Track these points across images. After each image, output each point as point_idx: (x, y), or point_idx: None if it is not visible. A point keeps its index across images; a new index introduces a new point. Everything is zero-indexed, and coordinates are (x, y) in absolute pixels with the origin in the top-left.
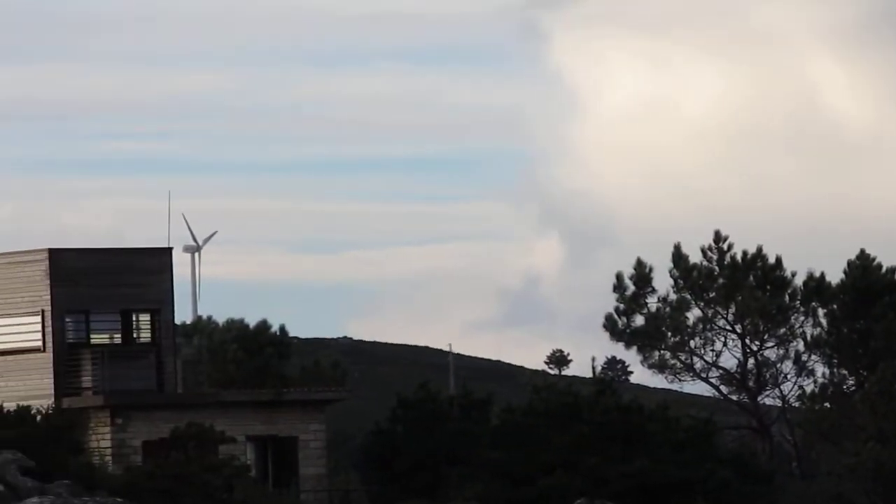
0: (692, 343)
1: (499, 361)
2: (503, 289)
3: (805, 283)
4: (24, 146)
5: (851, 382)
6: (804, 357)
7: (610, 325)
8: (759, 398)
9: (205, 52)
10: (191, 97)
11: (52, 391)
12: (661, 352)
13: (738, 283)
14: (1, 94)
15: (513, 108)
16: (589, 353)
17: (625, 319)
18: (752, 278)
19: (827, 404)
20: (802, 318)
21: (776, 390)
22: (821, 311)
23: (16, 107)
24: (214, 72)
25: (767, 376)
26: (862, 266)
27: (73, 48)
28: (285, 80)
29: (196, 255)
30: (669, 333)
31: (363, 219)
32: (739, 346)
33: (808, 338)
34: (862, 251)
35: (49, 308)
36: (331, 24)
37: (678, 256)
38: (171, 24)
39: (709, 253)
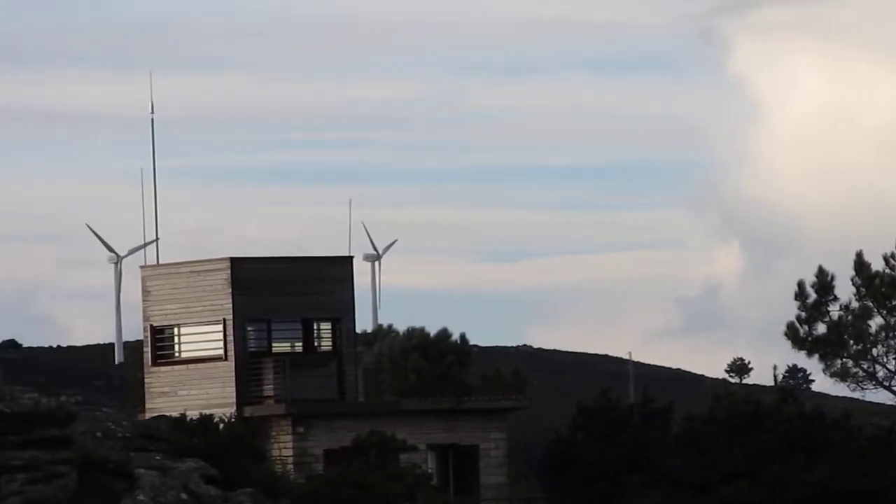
0: (875, 351)
1: (679, 370)
2: (683, 297)
3: None
4: (209, 155)
5: None
6: None
7: (791, 333)
8: None
9: (389, 62)
10: (375, 107)
11: (235, 400)
12: (843, 360)
13: None
14: (187, 102)
15: (693, 116)
16: (770, 361)
17: (806, 328)
18: None
19: None
20: None
21: None
22: None
23: (202, 116)
24: (399, 81)
25: None
26: None
27: (260, 57)
28: (468, 90)
29: (376, 263)
30: (851, 342)
31: (543, 227)
32: None
33: None
34: None
35: (231, 317)
36: (512, 34)
37: (860, 264)
38: (358, 34)
39: (891, 261)
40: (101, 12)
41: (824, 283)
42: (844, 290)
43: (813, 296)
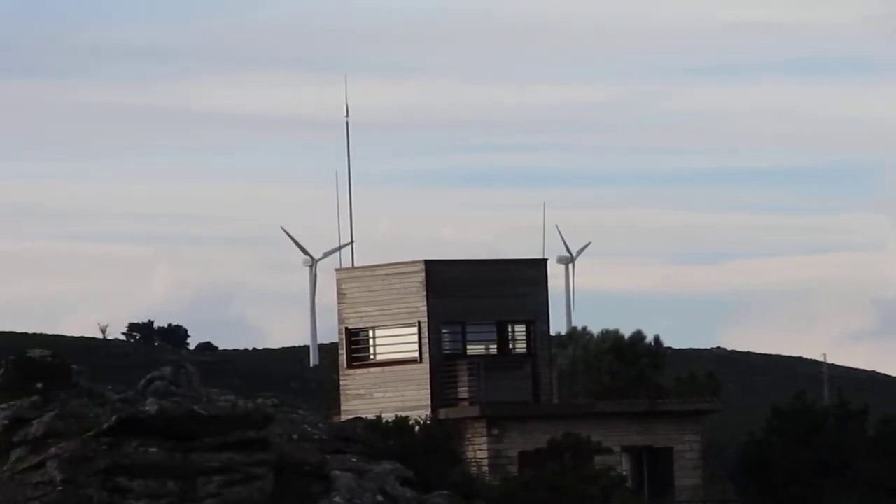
0: None
1: (874, 372)
2: (881, 299)
3: None
4: (404, 159)
5: None
6: None
7: None
8: None
9: (588, 65)
10: (571, 109)
11: (429, 402)
12: None
13: None
14: (382, 106)
15: (891, 118)
16: None
17: None
18: None
19: None
20: None
21: None
22: None
23: (398, 119)
24: (597, 84)
25: None
26: None
27: (456, 60)
28: (666, 93)
29: (570, 266)
30: None
31: (739, 229)
32: None
33: None
34: None
35: (426, 319)
36: (707, 37)
37: None
38: (557, 38)
39: None
40: (298, 17)
41: None
42: None
43: None
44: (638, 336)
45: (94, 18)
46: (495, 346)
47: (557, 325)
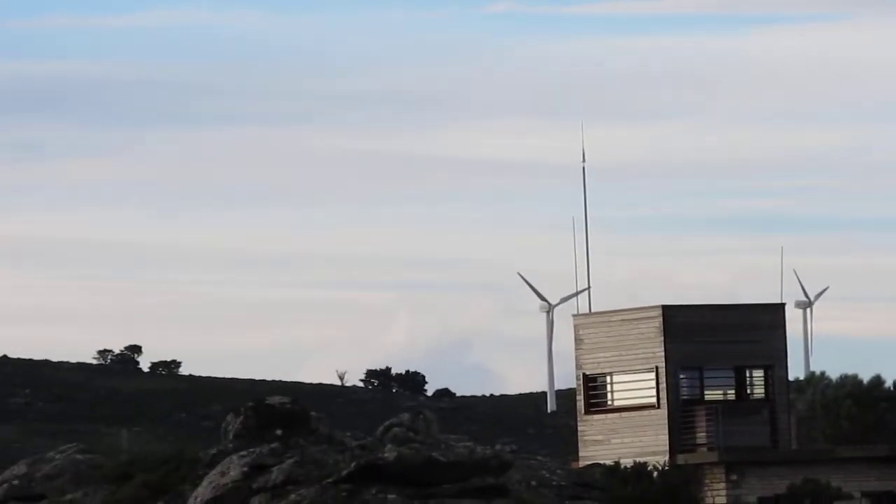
0: None
1: None
2: None
3: None
4: (640, 205)
5: None
6: None
7: None
8: None
9: (818, 108)
10: (807, 154)
11: (667, 447)
12: None
13: None
14: (623, 153)
15: None
16: None
17: None
18: None
19: None
20: None
21: None
22: None
23: (632, 165)
24: (828, 127)
25: None
26: None
27: (689, 105)
28: None
29: (808, 310)
30: None
31: None
32: None
33: None
34: None
35: (663, 364)
36: None
37: None
38: (790, 82)
39: None
40: (532, 63)
41: None
42: None
43: None
44: (877, 381)
45: (339, 67)
46: (733, 392)
47: (795, 371)
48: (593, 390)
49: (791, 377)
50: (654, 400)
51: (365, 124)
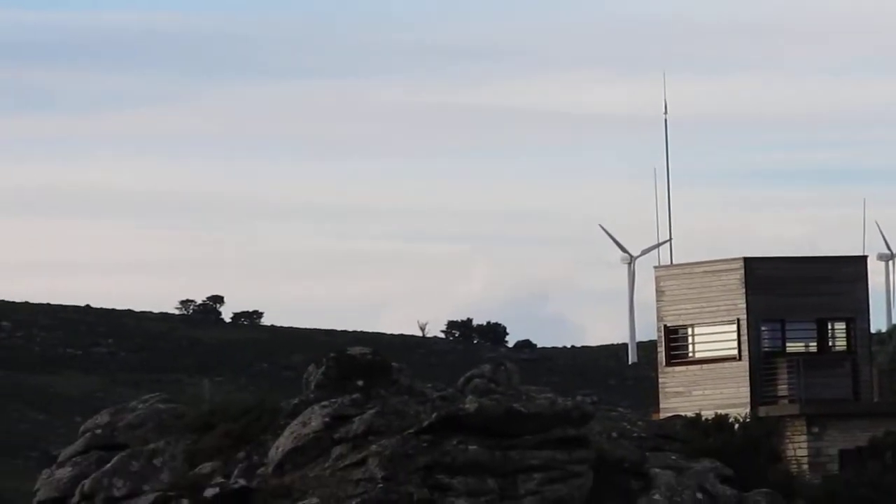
0: None
1: None
2: None
3: None
4: (721, 156)
5: None
6: None
7: None
8: None
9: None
10: (890, 105)
11: (748, 400)
12: None
13: None
14: (699, 103)
15: None
16: None
17: None
18: None
19: None
20: None
21: None
22: None
23: (715, 116)
24: None
25: None
26: None
27: (774, 57)
28: None
29: (890, 263)
30: None
31: None
32: None
33: None
34: None
35: (745, 317)
36: None
37: None
38: (871, 34)
39: None
40: (613, 13)
41: None
42: None
43: None
44: None
45: (423, 19)
46: (815, 344)
47: (877, 323)
48: (674, 342)
49: (873, 330)
50: (735, 352)
51: (448, 78)
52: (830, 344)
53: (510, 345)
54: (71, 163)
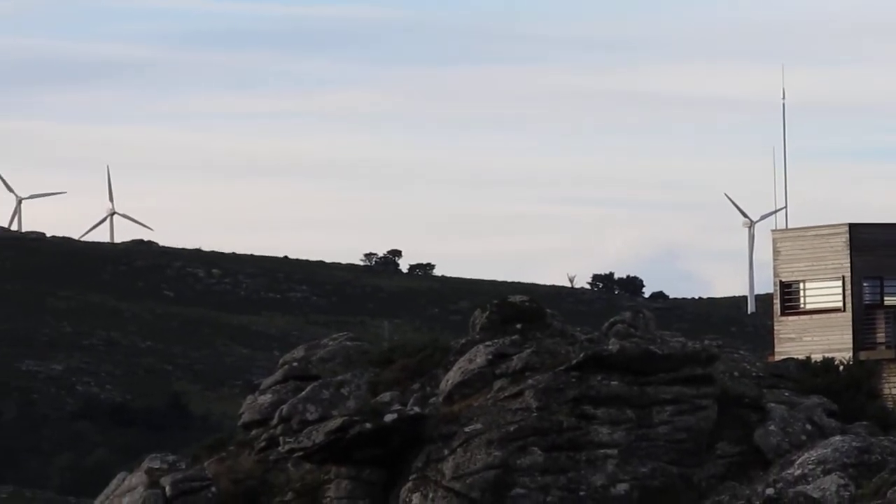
0: None
1: None
2: None
3: None
4: (832, 136)
5: None
6: None
7: None
8: None
9: None
10: None
11: (851, 345)
12: None
13: None
14: (817, 93)
15: None
16: None
17: None
18: None
19: None
20: None
21: None
22: None
23: (830, 102)
24: None
25: None
26: None
27: (880, 52)
28: None
29: None
30: None
31: None
32: None
33: None
34: None
35: (849, 274)
36: None
37: None
38: None
39: None
40: (736, 13)
41: None
42: None
43: None
44: None
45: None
46: None
47: None
48: (788, 295)
49: None
50: (840, 304)
51: (606, 65)
52: None
53: (646, 295)
54: (279, 134)
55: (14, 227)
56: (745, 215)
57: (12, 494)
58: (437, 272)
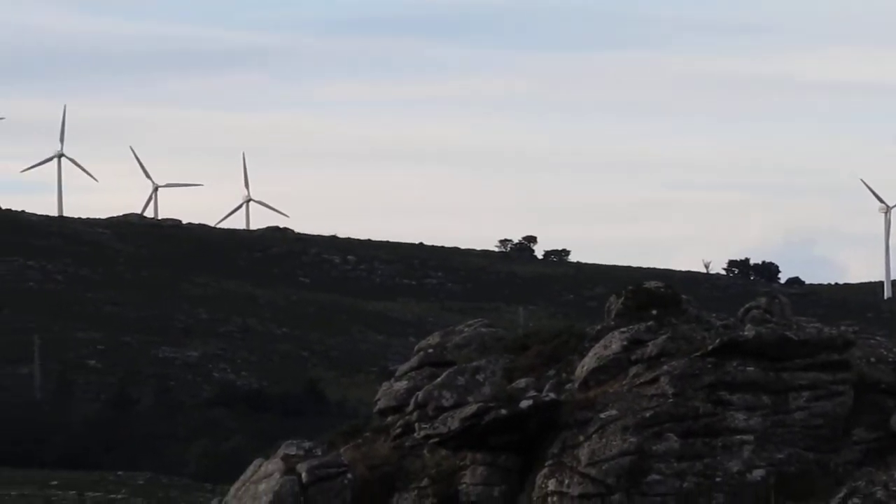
0: None
1: None
2: None
3: None
4: None
5: None
6: None
7: None
8: None
9: None
10: None
11: None
12: None
13: None
14: None
15: None
16: None
17: None
18: None
19: None
20: None
21: None
22: None
23: None
24: None
25: None
26: None
27: None
28: None
29: None
30: None
31: None
32: None
33: None
34: None
35: None
36: None
37: None
38: None
39: None
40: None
41: None
42: None
43: None
44: None
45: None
46: None
47: None
48: None
49: None
50: None
51: (732, 51)
52: None
53: (782, 281)
54: (414, 121)
55: (149, 214)
56: (881, 200)
57: (149, 480)
58: (572, 258)
